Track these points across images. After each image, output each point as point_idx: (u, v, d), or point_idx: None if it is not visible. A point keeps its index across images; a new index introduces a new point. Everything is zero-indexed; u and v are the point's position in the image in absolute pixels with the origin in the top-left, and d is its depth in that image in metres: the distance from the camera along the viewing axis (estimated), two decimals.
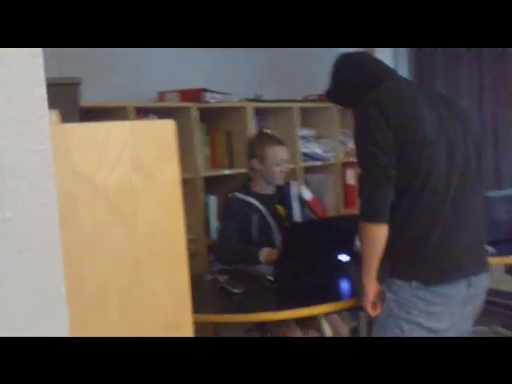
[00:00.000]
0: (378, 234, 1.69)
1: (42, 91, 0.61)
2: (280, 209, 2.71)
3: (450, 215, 1.72)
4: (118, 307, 0.85)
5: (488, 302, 1.85)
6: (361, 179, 1.75)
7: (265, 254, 2.35)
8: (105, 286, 0.83)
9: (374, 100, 1.73)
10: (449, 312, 1.69)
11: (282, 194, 2.74)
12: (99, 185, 0.82)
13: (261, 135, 3.02)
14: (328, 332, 1.90)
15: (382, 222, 1.68)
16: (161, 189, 0.89)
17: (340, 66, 1.95)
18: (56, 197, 0.63)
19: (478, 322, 1.84)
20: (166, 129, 0.90)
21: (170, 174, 0.90)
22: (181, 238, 0.92)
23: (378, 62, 1.93)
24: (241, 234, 2.57)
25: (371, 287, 1.75)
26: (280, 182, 2.68)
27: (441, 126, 1.73)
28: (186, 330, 0.91)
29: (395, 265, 1.74)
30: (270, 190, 2.70)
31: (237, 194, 2.63)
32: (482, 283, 1.77)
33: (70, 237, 0.80)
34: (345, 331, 2.37)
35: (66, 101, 1.10)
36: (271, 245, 2.44)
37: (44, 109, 0.62)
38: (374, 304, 1.78)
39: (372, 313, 1.78)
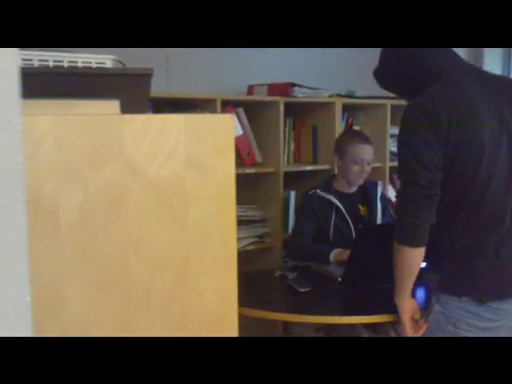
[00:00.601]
0: (414, 257, 1.57)
1: (12, 80, 0.57)
2: (362, 209, 2.62)
3: (508, 226, 1.55)
4: (161, 305, 0.84)
5: None
6: (399, 195, 1.60)
7: (335, 254, 2.27)
8: (149, 282, 0.82)
9: (423, 108, 1.53)
10: (505, 327, 1.55)
11: (366, 194, 2.64)
12: (151, 178, 0.82)
13: (348, 131, 2.93)
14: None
15: (418, 247, 1.56)
16: (214, 185, 0.87)
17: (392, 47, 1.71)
18: (25, 198, 0.59)
19: None
20: (224, 123, 0.88)
21: (225, 170, 0.88)
22: (232, 236, 0.89)
23: (439, 50, 1.67)
24: (318, 232, 2.51)
25: (406, 308, 1.64)
26: (356, 182, 2.56)
27: (502, 128, 1.54)
28: (230, 332, 0.89)
29: (444, 279, 1.62)
30: (352, 189, 2.61)
31: (318, 191, 2.57)
32: None
33: (117, 229, 0.80)
34: None
35: (136, 92, 1.11)
36: (347, 245, 2.37)
37: (14, 100, 0.57)
38: (415, 323, 1.66)
39: (411, 333, 1.65)
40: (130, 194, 0.81)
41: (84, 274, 0.79)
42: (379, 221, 2.60)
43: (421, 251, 1.57)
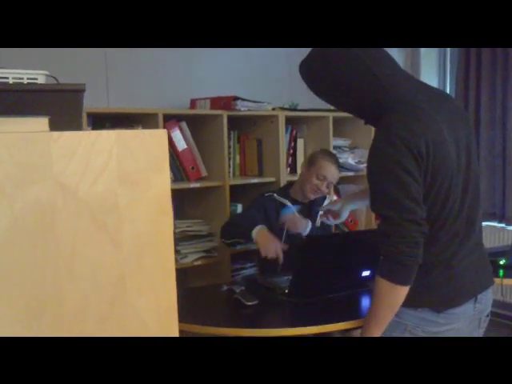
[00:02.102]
0: (402, 295, 1.52)
1: None
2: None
3: (462, 238, 1.59)
4: (97, 325, 0.81)
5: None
6: (389, 234, 1.48)
7: (258, 232, 2.29)
8: (84, 303, 0.80)
9: (404, 139, 1.45)
10: (455, 329, 1.60)
11: (315, 206, 2.69)
12: (82, 196, 0.79)
13: (326, 150, 2.86)
14: None
15: (410, 284, 1.51)
16: (149, 201, 0.85)
17: (333, 59, 1.59)
18: None
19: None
20: (157, 138, 0.86)
21: (160, 185, 0.86)
22: (169, 253, 0.87)
23: (384, 62, 1.58)
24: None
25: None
26: (308, 195, 2.60)
27: (460, 155, 1.56)
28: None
29: None
30: (305, 200, 2.66)
31: (275, 194, 2.61)
32: (487, 298, 1.67)
33: (47, 250, 0.77)
34: None
35: (69, 108, 1.08)
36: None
37: None
38: None
39: None
40: (60, 213, 0.78)
41: (13, 297, 0.76)
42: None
43: (405, 290, 1.52)
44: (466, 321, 1.62)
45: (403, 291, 1.51)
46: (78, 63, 2.66)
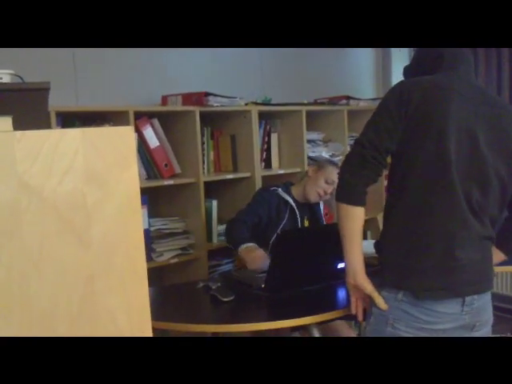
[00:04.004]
0: (352, 217, 1.59)
1: None
2: (305, 223, 2.70)
3: (469, 224, 1.56)
4: (68, 327, 0.80)
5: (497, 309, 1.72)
6: (348, 156, 1.63)
7: (243, 250, 2.28)
8: (53, 305, 0.78)
9: (403, 85, 1.61)
10: (442, 330, 1.56)
11: (312, 209, 2.76)
12: (48, 196, 0.78)
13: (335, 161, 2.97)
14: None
15: (354, 205, 1.59)
16: (117, 200, 0.84)
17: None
18: None
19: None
20: (124, 135, 0.85)
21: (127, 183, 0.85)
22: (140, 252, 0.86)
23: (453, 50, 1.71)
24: (263, 230, 2.53)
25: (355, 268, 1.62)
26: (312, 199, 2.67)
27: (464, 138, 1.55)
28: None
29: (386, 273, 1.60)
30: (304, 201, 2.71)
31: (279, 190, 2.64)
32: (480, 302, 1.60)
33: (13, 251, 0.76)
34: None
35: (34, 107, 1.06)
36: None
37: None
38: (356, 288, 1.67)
39: (352, 296, 1.69)
40: (25, 214, 0.77)
41: None
42: None
43: (358, 210, 1.59)
44: (454, 323, 1.58)
45: (348, 210, 1.59)
46: (46, 62, 2.61)
